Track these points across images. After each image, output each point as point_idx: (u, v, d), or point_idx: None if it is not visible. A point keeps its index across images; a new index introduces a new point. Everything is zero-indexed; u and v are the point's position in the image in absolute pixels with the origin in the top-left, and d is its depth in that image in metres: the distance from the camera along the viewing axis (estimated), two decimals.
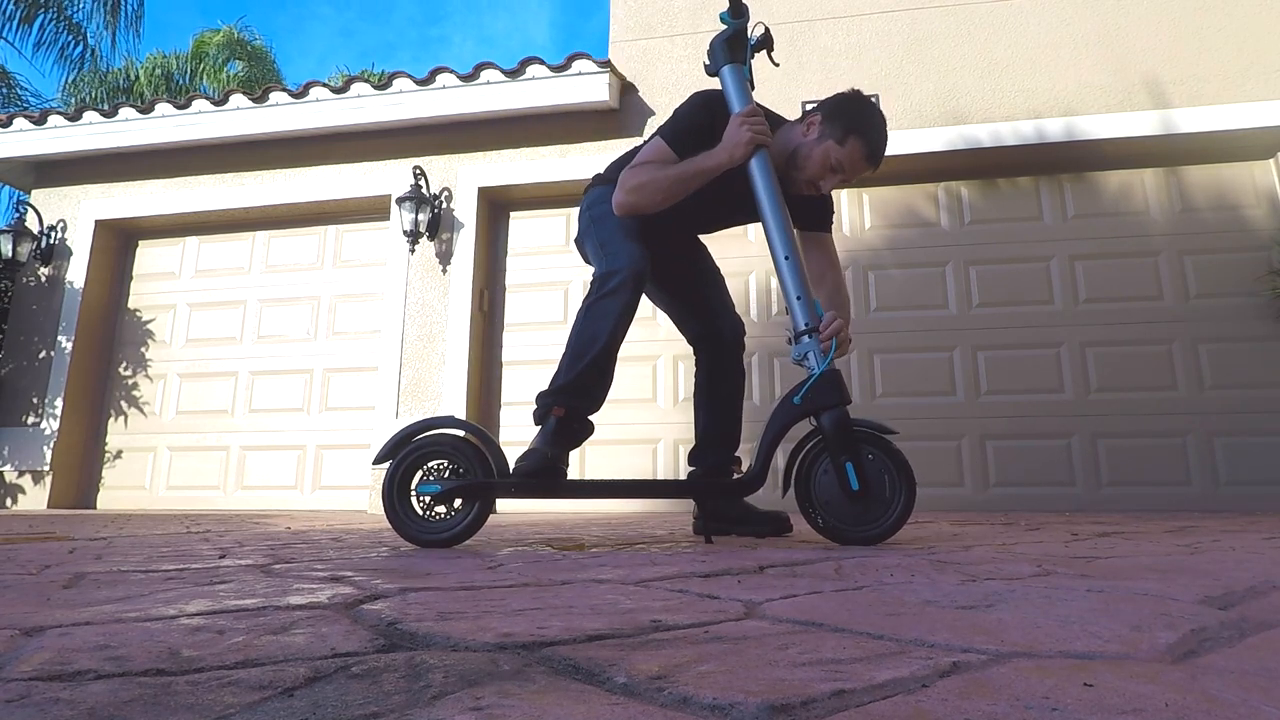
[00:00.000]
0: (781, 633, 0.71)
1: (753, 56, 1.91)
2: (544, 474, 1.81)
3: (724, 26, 1.88)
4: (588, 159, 4.85)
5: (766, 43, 1.91)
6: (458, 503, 1.76)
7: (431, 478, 1.76)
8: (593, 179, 2.17)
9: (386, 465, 1.77)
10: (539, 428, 1.92)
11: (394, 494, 1.74)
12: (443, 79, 4.99)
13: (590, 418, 1.94)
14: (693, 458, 2.15)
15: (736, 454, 2.15)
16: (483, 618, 0.80)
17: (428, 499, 1.74)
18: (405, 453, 1.77)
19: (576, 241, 2.14)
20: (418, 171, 4.93)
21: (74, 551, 1.68)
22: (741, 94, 1.86)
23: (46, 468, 5.00)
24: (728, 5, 1.87)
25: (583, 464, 4.60)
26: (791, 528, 2.05)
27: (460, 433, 1.85)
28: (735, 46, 1.88)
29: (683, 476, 4.53)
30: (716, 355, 2.15)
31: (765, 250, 1.86)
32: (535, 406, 1.94)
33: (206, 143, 5.34)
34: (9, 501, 5.03)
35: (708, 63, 1.93)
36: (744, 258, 4.33)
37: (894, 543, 1.77)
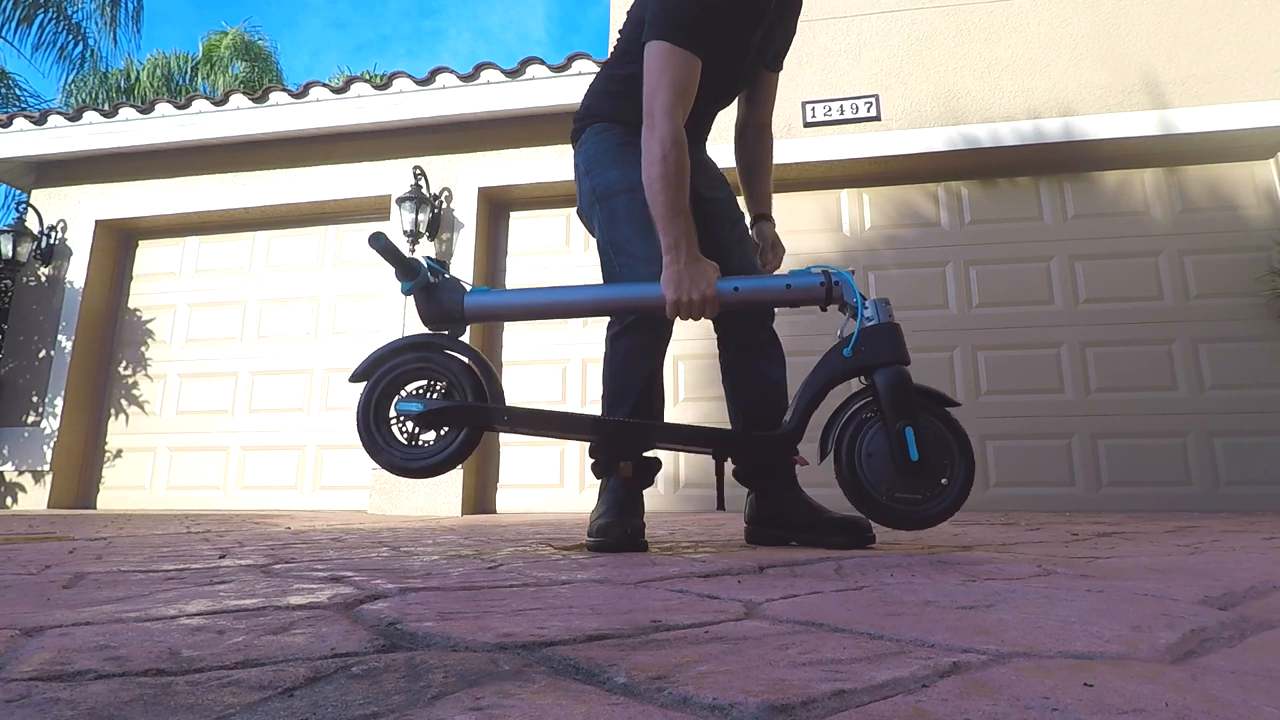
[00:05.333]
0: (782, 633, 0.71)
1: (447, 271, 1.65)
2: (627, 546, 1.59)
3: (412, 291, 1.61)
4: None
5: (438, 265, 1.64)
6: (434, 433, 1.56)
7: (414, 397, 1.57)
8: (583, 111, 1.84)
9: (362, 386, 1.58)
10: (601, 480, 1.76)
11: (370, 415, 1.55)
12: (443, 79, 4.99)
13: (651, 454, 1.77)
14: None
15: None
16: (483, 618, 0.80)
17: (406, 421, 1.54)
18: (385, 370, 1.57)
19: (580, 214, 1.87)
20: (418, 171, 4.93)
21: (74, 551, 1.68)
22: (514, 293, 1.65)
23: (46, 467, 5.00)
24: (396, 274, 1.59)
25: (583, 467, 4.61)
26: (874, 537, 1.64)
27: (451, 352, 1.61)
28: (442, 294, 1.60)
29: (683, 478, 4.55)
30: (739, 328, 1.81)
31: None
32: (593, 460, 1.77)
33: (206, 143, 5.34)
34: (9, 501, 5.03)
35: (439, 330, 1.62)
36: None
37: (894, 542, 1.77)
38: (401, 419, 1.55)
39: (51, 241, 5.44)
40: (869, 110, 4.62)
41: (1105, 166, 4.54)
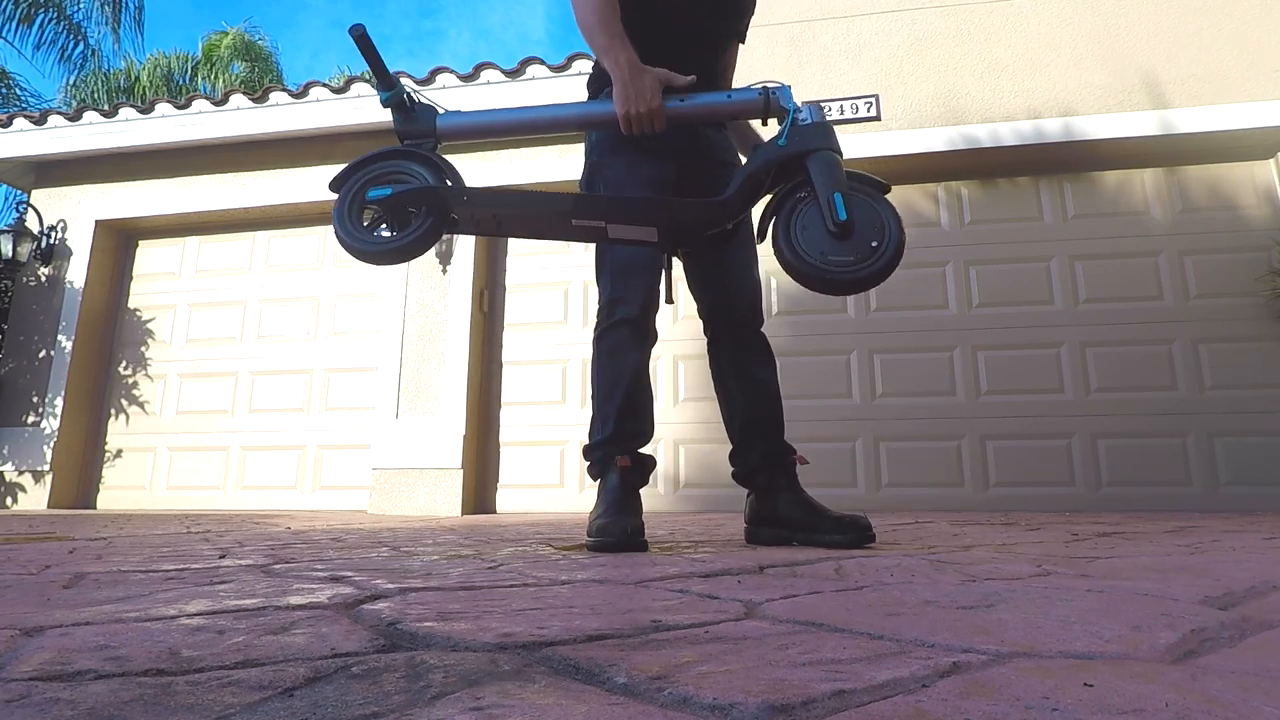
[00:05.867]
0: (781, 633, 0.71)
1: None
2: (627, 545, 1.59)
3: (389, 108, 1.71)
4: None
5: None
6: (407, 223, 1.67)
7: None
8: (598, 70, 1.85)
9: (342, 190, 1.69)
10: (598, 481, 1.76)
11: (345, 212, 1.65)
12: (443, 79, 4.99)
13: (647, 449, 1.79)
14: (733, 456, 1.86)
15: (786, 441, 1.81)
16: (483, 618, 0.80)
17: (379, 217, 1.65)
18: (361, 175, 1.68)
19: (581, 187, 1.92)
20: None
21: (74, 551, 1.68)
22: (483, 111, 1.78)
23: (46, 467, 5.00)
24: (376, 83, 1.69)
25: (583, 467, 4.61)
26: (874, 536, 1.65)
27: (424, 160, 1.70)
28: (417, 113, 1.71)
29: (684, 478, 4.55)
30: (732, 331, 1.85)
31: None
32: (589, 463, 1.79)
33: (206, 143, 5.34)
34: (9, 501, 5.03)
35: (409, 139, 1.71)
36: None
37: (894, 543, 1.77)
38: (375, 212, 1.64)
39: (51, 241, 5.44)
40: (869, 110, 4.62)
41: (1105, 166, 4.54)
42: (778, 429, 1.81)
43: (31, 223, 5.45)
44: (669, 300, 1.76)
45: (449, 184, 1.65)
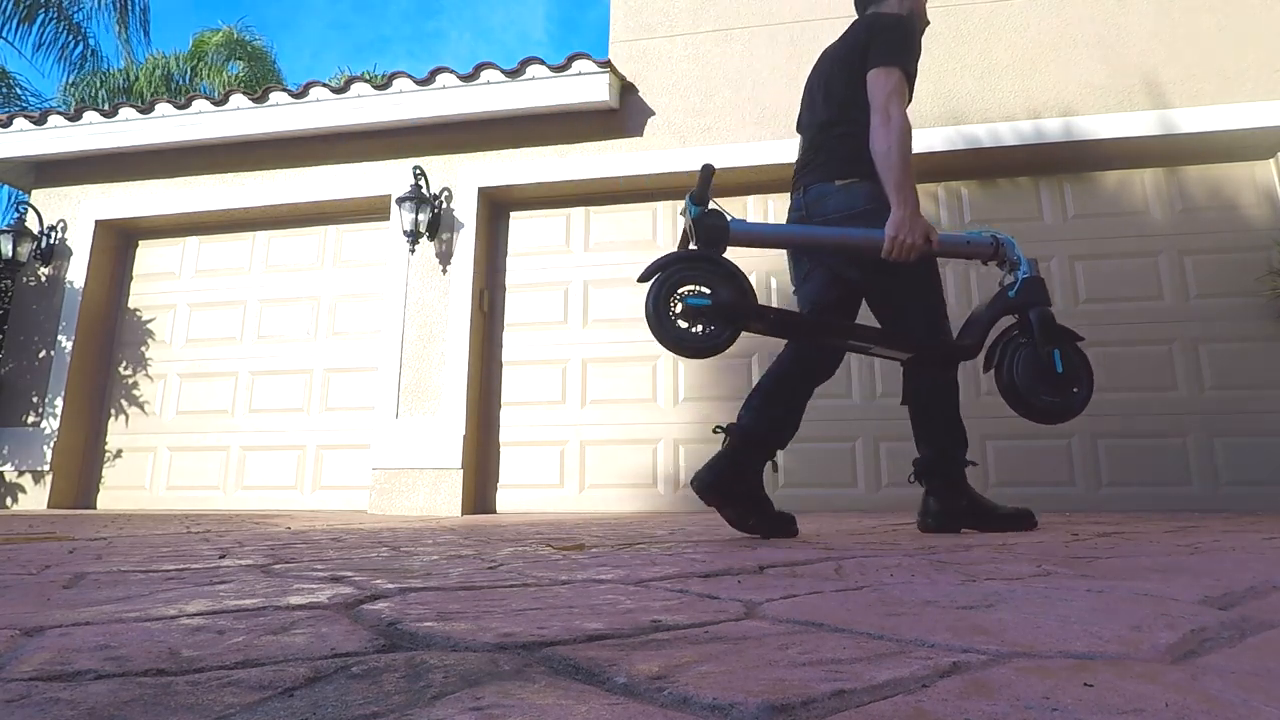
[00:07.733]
0: (781, 633, 0.71)
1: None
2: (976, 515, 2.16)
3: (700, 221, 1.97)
4: (588, 159, 4.86)
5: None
6: (704, 326, 1.92)
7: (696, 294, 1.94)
8: (854, 156, 2.12)
9: (651, 281, 1.92)
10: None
11: (659, 302, 1.88)
12: (443, 79, 4.99)
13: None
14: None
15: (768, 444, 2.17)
16: (483, 618, 0.80)
17: (683, 308, 1.89)
18: (668, 273, 1.91)
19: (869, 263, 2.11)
20: (417, 171, 4.93)
21: (74, 551, 1.68)
22: (765, 225, 2.26)
23: (46, 468, 5.00)
24: (697, 195, 1.93)
25: (584, 467, 4.61)
26: (796, 531, 2.08)
27: (716, 265, 1.95)
28: (712, 218, 1.97)
29: (683, 478, 4.54)
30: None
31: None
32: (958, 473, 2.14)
33: (206, 143, 5.34)
34: (9, 501, 5.03)
35: (702, 236, 1.96)
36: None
37: (894, 543, 1.77)
38: (677, 302, 1.91)
39: (51, 241, 5.44)
40: None
41: (1105, 166, 4.54)
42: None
43: (31, 223, 5.45)
44: (904, 402, 2.27)
45: (747, 300, 1.94)
